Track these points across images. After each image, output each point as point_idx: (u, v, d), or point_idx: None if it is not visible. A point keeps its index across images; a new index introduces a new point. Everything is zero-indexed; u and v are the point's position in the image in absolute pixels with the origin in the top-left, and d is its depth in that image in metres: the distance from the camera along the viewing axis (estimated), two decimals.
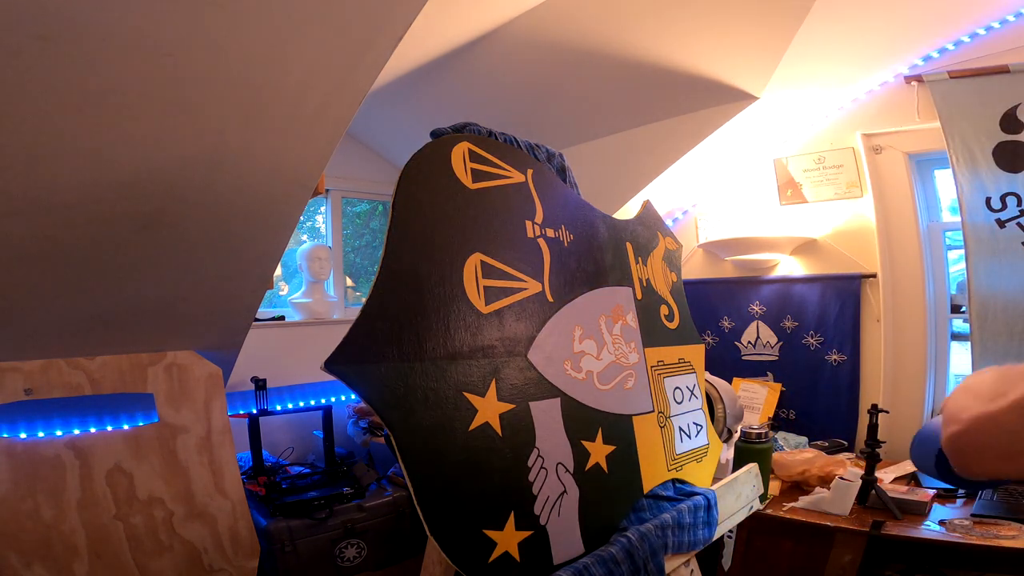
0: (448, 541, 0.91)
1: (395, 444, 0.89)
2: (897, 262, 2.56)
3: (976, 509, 1.84)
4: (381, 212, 3.53)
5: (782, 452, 2.27)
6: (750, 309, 2.88)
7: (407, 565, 2.21)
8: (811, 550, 1.91)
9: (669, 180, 2.79)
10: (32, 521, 1.55)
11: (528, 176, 1.24)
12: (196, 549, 1.78)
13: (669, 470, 1.43)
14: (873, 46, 2.29)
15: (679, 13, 2.07)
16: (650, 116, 2.63)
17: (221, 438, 1.91)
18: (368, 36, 1.19)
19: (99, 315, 1.59)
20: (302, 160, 1.43)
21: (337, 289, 3.16)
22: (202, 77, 1.12)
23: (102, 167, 1.21)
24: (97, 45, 0.98)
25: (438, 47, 2.28)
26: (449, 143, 1.10)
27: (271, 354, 2.63)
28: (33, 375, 1.62)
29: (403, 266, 0.97)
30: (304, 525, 2.02)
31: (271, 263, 1.72)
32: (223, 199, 1.43)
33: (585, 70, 2.38)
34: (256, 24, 1.07)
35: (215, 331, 1.87)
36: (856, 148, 2.61)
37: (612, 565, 1.07)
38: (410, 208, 1.00)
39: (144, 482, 1.74)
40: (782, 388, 2.74)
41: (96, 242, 1.38)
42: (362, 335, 0.89)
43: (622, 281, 1.46)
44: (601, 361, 1.30)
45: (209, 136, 1.26)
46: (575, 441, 1.17)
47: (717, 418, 1.76)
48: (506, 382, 1.06)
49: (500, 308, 1.09)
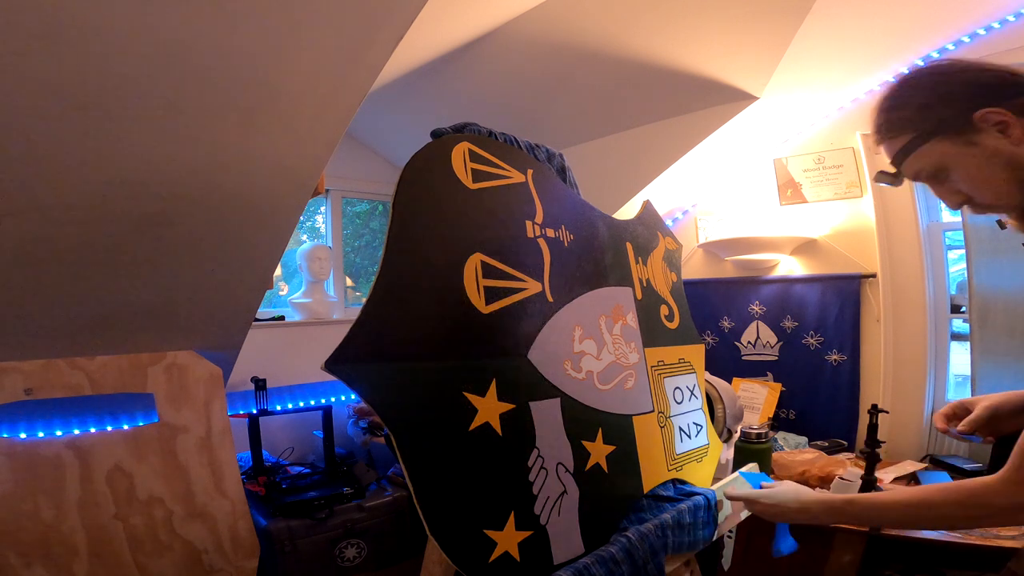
0: (448, 541, 0.91)
1: (395, 444, 0.89)
2: (897, 262, 2.56)
3: None
4: (381, 212, 3.53)
5: (782, 452, 2.27)
6: (750, 309, 2.88)
7: (407, 565, 2.21)
8: (811, 550, 1.91)
9: (669, 180, 2.79)
10: (32, 521, 1.55)
11: (528, 176, 1.24)
12: (196, 549, 1.78)
13: (669, 470, 1.43)
14: (873, 46, 2.29)
15: (679, 13, 2.07)
16: (650, 116, 2.63)
17: (221, 438, 1.91)
18: (368, 36, 1.19)
19: (99, 315, 1.59)
20: (302, 160, 1.43)
21: (337, 289, 3.16)
22: (202, 77, 1.12)
23: (102, 167, 1.21)
24: (97, 45, 0.98)
25: (438, 47, 2.28)
26: (449, 143, 1.10)
27: (271, 354, 2.63)
28: (33, 375, 1.62)
29: (403, 266, 0.97)
30: (304, 525, 2.02)
31: (271, 263, 1.72)
32: (223, 199, 1.43)
33: (585, 70, 2.38)
34: (256, 24, 1.07)
35: (215, 331, 1.87)
36: (856, 148, 2.61)
37: (612, 565, 1.07)
38: (410, 208, 1.00)
39: (144, 482, 1.74)
40: (782, 388, 2.74)
41: (96, 242, 1.38)
42: (362, 335, 0.89)
43: (622, 281, 1.46)
44: (601, 361, 1.30)
45: (209, 136, 1.26)
46: (575, 441, 1.17)
47: (717, 418, 1.76)
48: (506, 382, 1.06)
49: (500, 308, 1.09)
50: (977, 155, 0.86)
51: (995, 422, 1.09)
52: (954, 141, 0.87)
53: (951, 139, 0.87)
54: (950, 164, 0.88)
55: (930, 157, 0.89)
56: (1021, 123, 0.83)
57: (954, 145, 0.87)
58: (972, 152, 0.86)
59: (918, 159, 0.91)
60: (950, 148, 0.87)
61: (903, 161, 0.93)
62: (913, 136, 0.90)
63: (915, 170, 0.93)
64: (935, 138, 0.88)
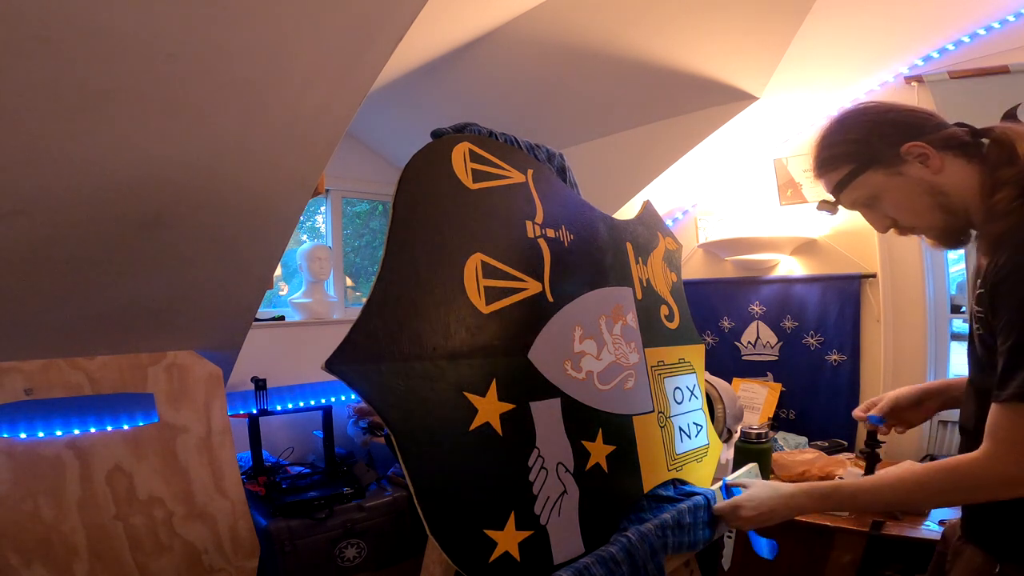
0: (448, 541, 0.91)
1: (395, 444, 0.89)
2: (897, 262, 2.56)
3: None
4: (381, 212, 3.53)
5: (782, 452, 2.27)
6: (750, 309, 2.88)
7: (407, 565, 2.21)
8: (811, 550, 1.91)
9: (669, 180, 2.79)
10: (32, 521, 1.55)
11: (528, 176, 1.24)
12: (196, 549, 1.78)
13: (669, 470, 1.43)
14: (873, 46, 2.29)
15: (679, 13, 2.07)
16: (650, 116, 2.63)
17: (221, 438, 1.91)
18: (368, 36, 1.19)
19: (99, 315, 1.59)
20: (302, 160, 1.43)
21: (337, 289, 3.16)
22: (202, 77, 1.13)
23: (102, 167, 1.21)
24: (97, 45, 0.98)
25: (438, 47, 2.28)
26: (449, 143, 1.10)
27: (271, 354, 2.63)
28: (33, 375, 1.62)
29: (403, 266, 0.96)
30: (304, 525, 2.02)
31: (271, 263, 1.72)
32: (223, 199, 1.43)
33: (585, 70, 2.38)
34: (256, 24, 1.07)
35: (215, 331, 1.87)
36: None
37: (612, 565, 1.07)
38: (410, 208, 1.00)
39: (144, 482, 1.74)
40: (782, 388, 2.74)
41: (96, 242, 1.38)
42: (362, 335, 0.89)
43: (622, 281, 1.46)
44: (601, 361, 1.30)
45: (209, 136, 1.26)
46: (575, 441, 1.17)
47: (717, 418, 1.76)
48: (506, 382, 1.06)
49: (500, 308, 1.09)
50: (903, 184, 0.99)
51: (898, 411, 1.26)
52: (885, 172, 1.00)
53: (882, 170, 1.00)
54: (881, 192, 1.02)
55: (864, 187, 1.03)
56: (939, 155, 0.96)
57: (885, 176, 1.00)
58: (899, 182, 0.99)
59: (854, 189, 1.04)
60: (881, 178, 1.00)
61: (841, 192, 1.06)
62: (851, 169, 1.02)
63: (852, 199, 1.07)
64: (869, 170, 1.01)
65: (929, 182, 0.97)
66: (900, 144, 0.97)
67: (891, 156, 0.98)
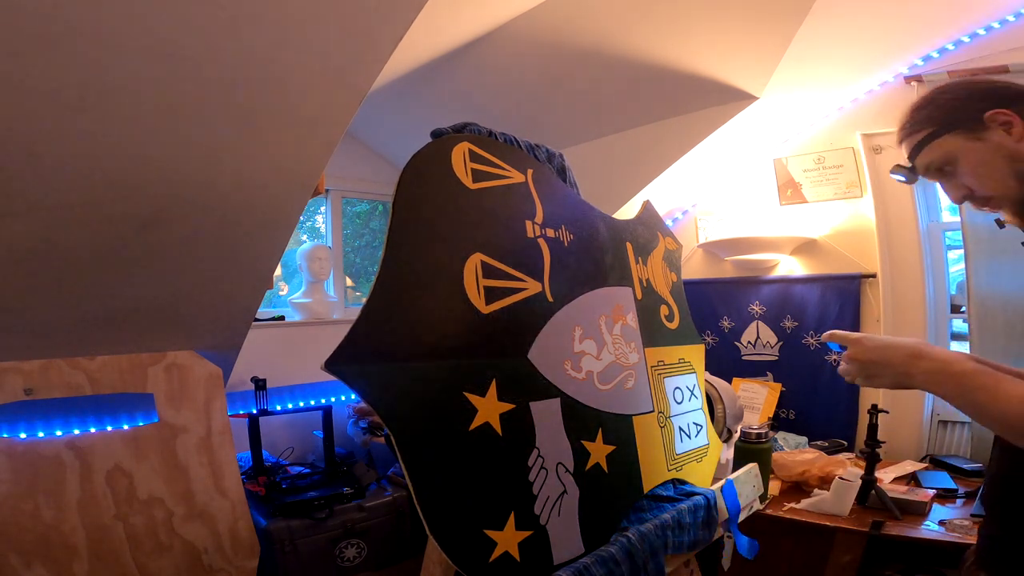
0: (448, 541, 0.91)
1: (395, 444, 0.89)
2: (897, 262, 2.56)
3: (976, 509, 1.83)
4: (381, 212, 3.53)
5: (782, 452, 2.27)
6: (750, 309, 2.88)
7: (407, 565, 2.21)
8: (811, 550, 1.91)
9: (669, 180, 2.79)
10: (32, 521, 1.55)
11: (528, 176, 1.24)
12: (196, 549, 1.78)
13: (669, 470, 1.43)
14: (873, 46, 2.29)
15: (679, 13, 2.07)
16: (650, 116, 2.63)
17: (221, 438, 1.91)
18: (368, 36, 1.19)
19: (99, 315, 1.59)
20: (302, 160, 1.43)
21: (337, 289, 3.16)
22: (202, 77, 1.13)
23: (102, 167, 1.21)
24: (97, 45, 0.98)
25: (438, 47, 2.28)
26: (449, 143, 1.10)
27: (271, 354, 2.63)
28: (33, 375, 1.62)
29: (403, 266, 0.97)
30: (304, 525, 2.01)
31: (271, 263, 1.72)
32: (223, 199, 1.43)
33: (585, 70, 2.37)
34: (255, 24, 1.07)
35: (215, 331, 1.87)
36: (856, 148, 2.61)
37: (612, 565, 1.07)
38: (410, 208, 1.00)
39: (144, 482, 1.74)
40: (782, 388, 2.74)
41: (96, 242, 1.38)
42: (362, 335, 0.89)
43: (622, 281, 1.46)
44: (601, 361, 1.30)
45: (209, 136, 1.26)
46: (575, 441, 1.17)
47: (717, 418, 1.76)
48: (506, 382, 1.06)
49: (500, 308, 1.09)
50: (982, 148, 0.96)
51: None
52: (964, 136, 0.97)
53: (962, 134, 0.97)
54: (958, 156, 0.98)
55: (941, 149, 0.99)
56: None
57: (964, 139, 0.97)
58: (978, 146, 0.96)
59: (930, 152, 1.01)
60: (960, 142, 0.97)
61: (919, 154, 1.02)
62: (931, 131, 1.00)
63: (927, 162, 1.02)
64: (948, 133, 0.98)
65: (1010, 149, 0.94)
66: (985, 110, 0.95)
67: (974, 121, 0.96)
